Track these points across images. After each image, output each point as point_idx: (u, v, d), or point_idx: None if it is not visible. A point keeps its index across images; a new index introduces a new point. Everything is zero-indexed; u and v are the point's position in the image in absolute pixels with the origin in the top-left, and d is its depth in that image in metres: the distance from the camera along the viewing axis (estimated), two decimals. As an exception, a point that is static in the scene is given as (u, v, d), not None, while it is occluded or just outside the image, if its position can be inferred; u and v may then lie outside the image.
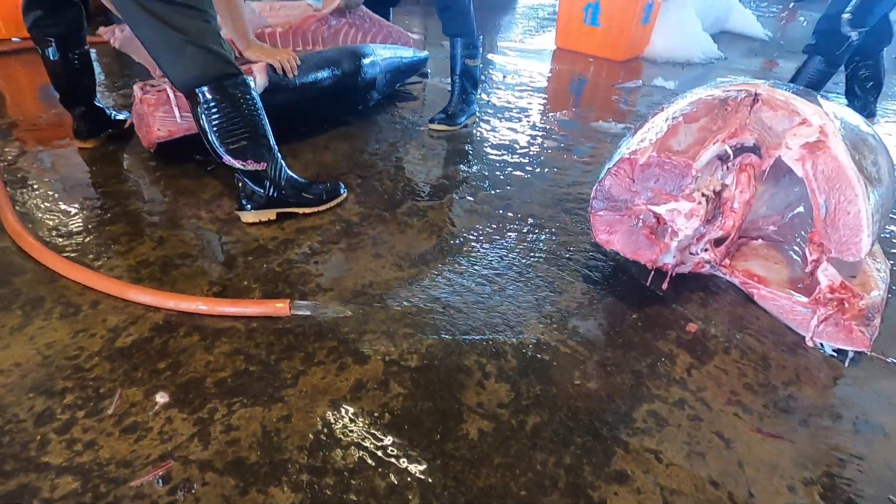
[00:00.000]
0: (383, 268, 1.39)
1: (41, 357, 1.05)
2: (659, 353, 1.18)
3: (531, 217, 1.67)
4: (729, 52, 4.08)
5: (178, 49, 1.28)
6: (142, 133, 1.79)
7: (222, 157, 1.41)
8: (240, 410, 0.97)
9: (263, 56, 1.80)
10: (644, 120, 1.34)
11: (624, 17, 3.50)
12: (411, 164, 1.99)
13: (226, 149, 1.39)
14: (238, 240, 1.46)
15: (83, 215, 1.52)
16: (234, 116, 1.37)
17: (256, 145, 1.42)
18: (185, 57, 1.29)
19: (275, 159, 1.48)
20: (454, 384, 1.06)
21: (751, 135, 1.13)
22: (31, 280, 1.25)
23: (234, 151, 1.40)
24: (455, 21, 2.11)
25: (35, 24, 1.65)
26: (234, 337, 1.13)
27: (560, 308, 1.29)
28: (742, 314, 1.31)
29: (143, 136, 1.78)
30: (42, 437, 0.89)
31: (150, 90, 1.68)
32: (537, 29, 4.62)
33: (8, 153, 1.83)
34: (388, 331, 1.18)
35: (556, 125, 2.46)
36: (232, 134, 1.38)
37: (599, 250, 1.51)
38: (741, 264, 1.33)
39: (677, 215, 1.13)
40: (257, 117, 1.42)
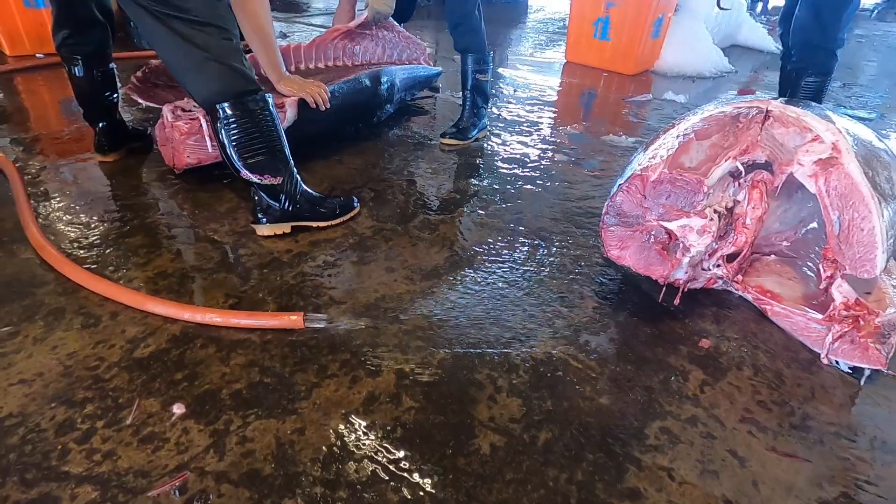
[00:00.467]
0: (395, 281, 1.40)
1: (62, 367, 1.07)
2: (671, 368, 1.17)
3: (542, 231, 1.68)
4: (740, 66, 4.08)
5: (200, 65, 1.32)
6: (166, 153, 1.82)
7: (240, 172, 1.44)
8: (255, 422, 0.98)
9: (295, 90, 1.81)
10: (655, 136, 1.35)
11: (634, 32, 3.53)
12: (423, 178, 2.01)
13: (244, 163, 1.42)
14: (253, 252, 1.49)
15: (103, 227, 1.56)
16: (252, 132, 1.40)
17: (273, 160, 1.46)
18: (206, 73, 1.33)
19: (291, 173, 1.51)
20: (466, 398, 1.07)
21: (762, 151, 1.14)
22: (53, 291, 1.28)
23: (251, 166, 1.43)
24: (466, 37, 2.15)
25: (63, 42, 1.70)
26: (249, 349, 1.15)
27: (571, 322, 1.29)
28: (755, 330, 1.30)
29: (169, 157, 1.81)
30: (63, 446, 0.91)
31: (181, 116, 1.69)
32: (547, 43, 4.67)
33: (31, 166, 1.89)
34: (400, 344, 1.19)
35: (566, 139, 2.48)
36: (250, 149, 1.41)
37: (610, 265, 1.51)
38: (754, 280, 1.33)
39: (689, 231, 1.14)
40: (275, 132, 1.45)
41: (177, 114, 1.71)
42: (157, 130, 1.83)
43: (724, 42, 4.46)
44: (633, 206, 1.21)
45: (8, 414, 0.96)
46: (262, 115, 1.41)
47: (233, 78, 1.36)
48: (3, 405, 0.98)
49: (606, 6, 3.58)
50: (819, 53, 2.24)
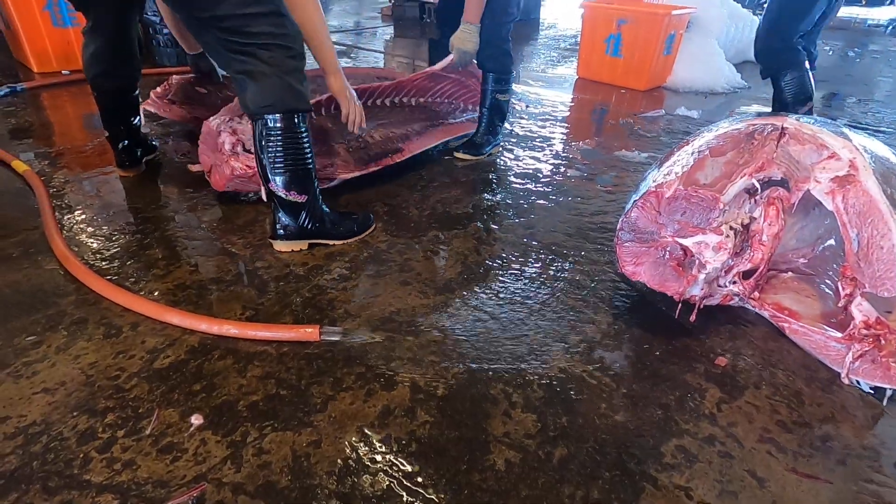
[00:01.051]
0: (410, 295, 1.41)
1: (84, 376, 1.09)
2: (687, 386, 1.16)
3: (555, 246, 1.69)
4: (753, 82, 4.08)
5: (260, 79, 1.36)
6: (206, 164, 1.81)
7: (269, 182, 1.47)
8: (271, 434, 0.99)
9: (345, 93, 1.71)
10: (669, 152, 1.36)
11: (646, 48, 3.55)
12: (436, 192, 2.03)
13: (275, 175, 1.45)
14: (270, 265, 1.51)
15: (124, 239, 1.59)
16: (290, 148, 1.44)
17: (303, 178, 1.48)
18: (264, 85, 1.37)
19: (315, 194, 1.54)
20: (480, 413, 1.07)
21: (778, 168, 1.14)
22: (76, 301, 1.31)
23: (282, 179, 1.46)
24: (493, 59, 2.20)
25: (97, 76, 1.76)
26: (266, 361, 1.16)
27: (586, 338, 1.29)
28: (773, 348, 1.29)
29: (208, 171, 1.81)
30: (84, 455, 0.93)
31: (239, 154, 1.67)
32: (559, 59, 4.71)
33: (56, 180, 1.94)
34: (414, 358, 1.20)
35: (578, 154, 2.49)
36: (284, 163, 1.44)
37: (624, 280, 1.50)
38: (771, 297, 1.32)
39: (705, 248, 1.14)
40: (309, 152, 1.49)
41: (236, 150, 1.69)
42: (203, 144, 1.80)
43: (737, 58, 4.46)
44: (647, 222, 1.21)
45: (32, 422, 0.98)
46: (303, 134, 1.45)
47: (289, 94, 1.39)
48: (27, 413, 1.00)
49: (618, 23, 3.61)
50: (783, 54, 2.42)
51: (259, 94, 1.38)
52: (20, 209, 1.73)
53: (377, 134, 2.12)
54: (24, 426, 0.98)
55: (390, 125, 2.20)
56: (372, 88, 2.11)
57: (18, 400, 1.03)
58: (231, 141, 1.69)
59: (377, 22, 6.40)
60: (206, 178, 1.81)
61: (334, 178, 1.87)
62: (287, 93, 1.39)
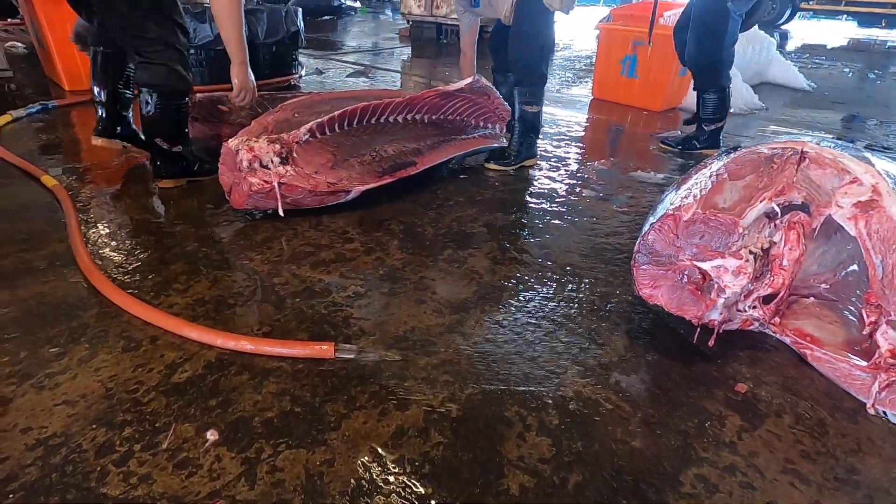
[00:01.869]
0: (424, 313, 1.42)
1: (104, 389, 1.11)
2: (707, 413, 1.14)
3: (570, 266, 1.68)
4: (770, 103, 4.06)
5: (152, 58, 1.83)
6: (225, 182, 1.84)
7: (148, 137, 1.96)
8: (285, 452, 0.99)
9: (241, 87, 2.02)
10: (686, 174, 1.35)
11: (662, 70, 3.57)
12: (452, 211, 2.04)
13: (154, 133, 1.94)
14: (287, 282, 1.53)
15: (146, 254, 1.63)
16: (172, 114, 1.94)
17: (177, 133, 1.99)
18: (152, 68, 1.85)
19: (188, 145, 2.04)
20: (494, 435, 1.05)
21: (798, 193, 1.13)
22: (99, 314, 1.34)
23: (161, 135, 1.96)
24: (521, 72, 2.35)
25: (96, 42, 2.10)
26: (281, 377, 1.17)
27: (602, 361, 1.27)
28: (795, 376, 1.26)
29: (227, 188, 1.84)
30: (102, 468, 0.94)
31: (257, 171, 1.73)
32: (574, 80, 4.75)
33: (83, 195, 2.00)
34: (428, 378, 1.19)
35: (594, 174, 2.49)
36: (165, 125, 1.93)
37: (640, 303, 1.49)
38: (792, 323, 1.29)
39: (724, 272, 1.12)
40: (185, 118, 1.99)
41: (253, 166, 1.74)
42: (222, 164, 1.83)
43: (754, 79, 4.46)
44: (665, 245, 1.20)
45: (52, 434, 1.00)
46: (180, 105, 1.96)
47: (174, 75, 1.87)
48: (48, 425, 1.02)
49: (634, 45, 3.64)
50: (707, 73, 2.64)
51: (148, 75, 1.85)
52: (48, 223, 1.78)
53: (391, 148, 2.15)
54: (44, 437, 0.99)
55: (404, 140, 2.23)
56: (385, 105, 2.15)
57: (40, 411, 1.05)
58: (248, 158, 1.73)
59: (395, 42, 6.54)
60: (227, 197, 1.85)
61: (350, 191, 1.90)
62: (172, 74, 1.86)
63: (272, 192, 1.76)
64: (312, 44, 5.83)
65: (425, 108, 2.32)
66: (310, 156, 1.87)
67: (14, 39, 4.63)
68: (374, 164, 2.05)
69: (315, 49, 5.61)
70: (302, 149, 1.84)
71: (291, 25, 3.82)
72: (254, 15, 3.66)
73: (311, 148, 1.89)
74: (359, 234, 1.82)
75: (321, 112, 2.13)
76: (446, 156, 2.29)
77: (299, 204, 1.86)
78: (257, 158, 1.74)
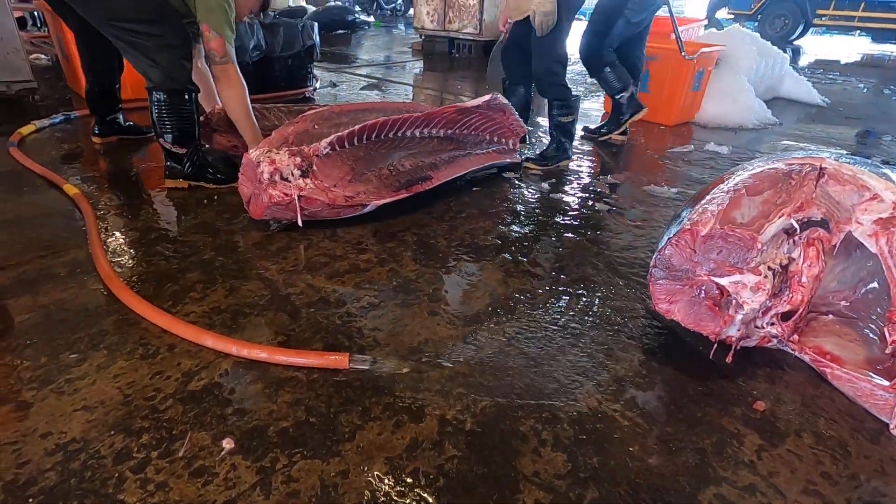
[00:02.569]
0: (438, 325, 1.42)
1: (122, 395, 1.12)
2: (724, 431, 1.12)
3: (584, 280, 1.68)
4: (783, 118, 4.05)
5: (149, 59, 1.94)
6: (244, 193, 1.87)
7: (157, 138, 2.07)
8: (300, 462, 0.99)
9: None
10: (703, 189, 1.35)
11: (674, 84, 3.58)
12: (465, 223, 2.05)
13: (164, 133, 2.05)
14: (302, 291, 1.54)
15: (165, 262, 1.65)
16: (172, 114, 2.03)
17: (184, 136, 2.08)
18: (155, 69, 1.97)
19: (194, 148, 2.12)
20: (509, 450, 1.05)
21: (818, 209, 1.12)
22: (118, 321, 1.36)
23: (170, 136, 2.06)
24: (549, 89, 2.62)
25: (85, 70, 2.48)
26: (296, 387, 1.17)
27: (617, 376, 1.26)
28: (814, 394, 1.24)
29: (246, 198, 1.86)
30: (119, 475, 0.95)
31: (277, 183, 1.74)
32: (585, 94, 4.77)
33: (103, 203, 2.04)
34: (442, 390, 1.19)
35: (606, 188, 2.49)
36: (167, 124, 2.03)
37: (656, 318, 1.48)
38: (811, 340, 1.27)
39: (742, 288, 1.11)
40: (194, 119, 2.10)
41: (274, 178, 1.75)
42: (242, 175, 1.85)
43: (767, 94, 4.45)
44: (682, 259, 1.20)
45: (71, 439, 1.01)
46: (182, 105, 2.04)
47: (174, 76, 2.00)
48: (67, 430, 1.03)
49: (646, 60, 3.65)
50: (592, 61, 3.02)
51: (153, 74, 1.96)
52: (69, 230, 1.82)
53: (407, 163, 2.17)
54: (64, 443, 1.00)
55: (420, 154, 2.25)
56: (403, 119, 2.17)
57: (60, 416, 1.06)
58: (269, 170, 1.75)
59: (407, 56, 6.63)
60: (245, 207, 1.88)
61: (367, 204, 1.91)
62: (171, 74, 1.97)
63: (291, 205, 1.78)
64: (327, 57, 5.93)
65: (442, 123, 2.34)
66: (329, 169, 1.89)
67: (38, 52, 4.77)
68: (391, 178, 2.07)
69: (329, 62, 5.70)
70: (322, 162, 1.86)
71: (307, 39, 3.89)
72: (271, 29, 3.74)
73: (331, 161, 1.91)
74: (373, 244, 1.83)
75: (340, 124, 2.16)
76: (461, 170, 2.31)
77: (316, 216, 1.88)
78: (278, 171, 1.77)
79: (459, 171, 2.31)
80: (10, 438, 1.01)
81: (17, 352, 1.24)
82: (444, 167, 2.27)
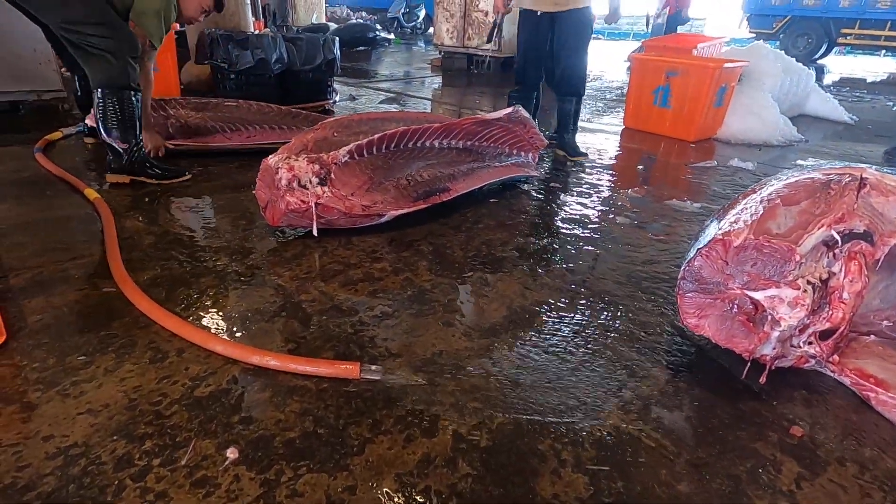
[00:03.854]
0: (453, 336, 1.37)
1: (128, 399, 1.09)
2: (759, 457, 1.04)
3: (605, 294, 1.61)
4: (809, 135, 3.95)
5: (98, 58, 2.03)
6: (263, 206, 1.85)
7: (100, 135, 2.17)
8: (306, 475, 0.94)
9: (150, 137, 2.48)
10: (733, 200, 1.29)
11: (696, 100, 3.52)
12: (482, 233, 2.01)
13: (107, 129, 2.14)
14: (314, 299, 1.51)
15: (179, 267, 1.64)
16: (118, 111, 2.11)
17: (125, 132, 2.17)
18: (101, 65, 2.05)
19: (134, 143, 2.20)
20: (527, 469, 0.98)
21: (860, 221, 1.05)
22: (128, 324, 1.34)
23: (113, 133, 2.15)
24: (574, 83, 2.83)
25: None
26: (305, 396, 1.13)
27: (641, 395, 1.19)
28: (856, 420, 1.15)
29: (264, 209, 1.84)
30: (119, 482, 0.91)
31: (295, 190, 1.74)
32: (605, 110, 4.73)
33: (121, 208, 2.05)
34: (456, 404, 1.14)
35: (627, 201, 2.43)
36: (111, 121, 2.12)
37: (681, 334, 1.41)
38: (853, 362, 1.19)
39: (779, 303, 1.04)
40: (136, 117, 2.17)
41: (292, 185, 1.73)
42: (260, 181, 1.84)
43: (792, 111, 4.36)
44: (713, 272, 1.13)
45: (73, 443, 0.98)
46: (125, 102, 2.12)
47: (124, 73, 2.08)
48: (69, 434, 1.00)
49: (667, 75, 3.61)
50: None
51: (98, 72, 2.05)
52: (87, 234, 1.82)
53: (426, 173, 2.15)
54: (65, 447, 0.97)
55: (438, 165, 2.22)
56: (423, 129, 2.15)
57: (63, 419, 1.03)
58: (287, 177, 1.74)
59: (426, 72, 6.70)
60: (262, 213, 1.86)
61: (384, 214, 1.89)
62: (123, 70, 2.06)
63: (308, 212, 1.76)
64: (347, 72, 6.01)
65: (462, 134, 2.32)
66: (347, 177, 1.87)
67: (70, 64, 4.91)
68: (408, 189, 2.04)
69: (349, 77, 5.78)
70: (340, 170, 1.85)
71: (328, 54, 3.94)
72: (294, 43, 3.81)
73: (349, 169, 1.90)
74: (388, 253, 1.80)
75: (359, 132, 2.15)
76: (479, 183, 2.28)
77: (332, 224, 1.86)
78: (296, 178, 1.75)
79: (478, 183, 2.27)
80: (11, 440, 0.98)
81: (26, 352, 1.22)
82: (463, 179, 2.24)
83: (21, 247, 1.70)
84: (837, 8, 9.01)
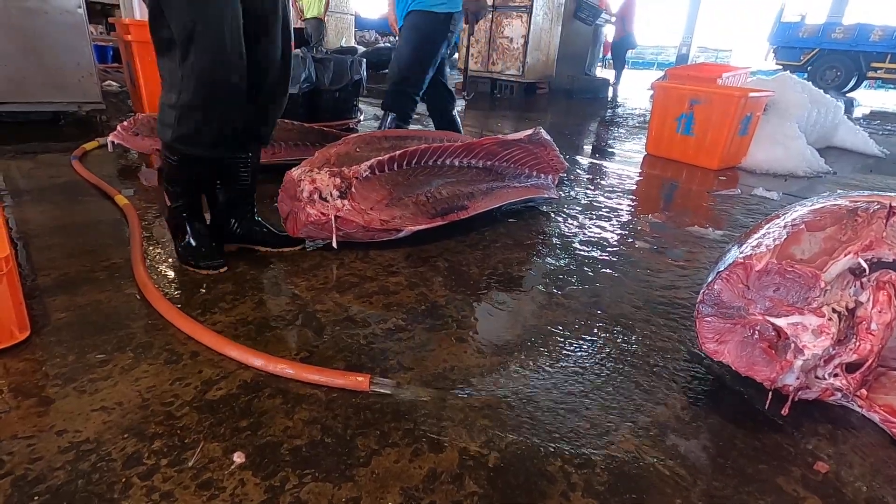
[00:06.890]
0: (465, 353, 1.36)
1: (141, 399, 1.11)
2: (781, 492, 1.00)
3: (622, 318, 1.58)
4: (838, 167, 3.88)
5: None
6: (284, 216, 1.88)
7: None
8: (310, 484, 0.93)
9: None
10: (756, 225, 1.27)
11: (720, 128, 3.50)
12: (499, 252, 2.01)
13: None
14: (329, 309, 1.52)
15: (199, 273, 1.67)
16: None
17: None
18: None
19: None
20: (535, 492, 0.96)
21: (890, 249, 1.02)
22: (146, 326, 1.36)
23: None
24: None
25: None
26: (314, 404, 1.13)
27: (657, 421, 1.16)
28: (886, 459, 1.09)
29: (285, 220, 1.87)
30: (126, 480, 0.91)
31: (316, 202, 1.76)
32: (627, 136, 4.74)
33: (149, 214, 2.11)
34: (466, 420, 1.12)
35: (647, 226, 2.41)
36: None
37: (699, 362, 1.37)
38: (882, 398, 1.14)
39: (803, 330, 1.01)
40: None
41: (313, 197, 1.77)
42: (283, 192, 1.86)
43: (820, 143, 4.29)
44: (733, 296, 1.11)
45: (85, 439, 0.99)
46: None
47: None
48: (82, 429, 1.01)
49: (691, 103, 3.61)
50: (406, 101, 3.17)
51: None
52: (114, 237, 1.88)
53: (445, 191, 2.16)
54: (77, 442, 0.98)
55: (458, 184, 2.24)
56: (444, 148, 2.18)
57: (77, 415, 1.05)
58: (309, 189, 1.78)
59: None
60: (283, 224, 1.90)
61: (402, 229, 1.90)
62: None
63: (328, 225, 1.79)
64: (373, 93, 6.15)
65: (482, 154, 2.34)
66: (367, 192, 1.90)
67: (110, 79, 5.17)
68: (427, 206, 2.06)
69: (375, 98, 5.91)
70: (361, 184, 1.88)
71: (355, 74, 4.06)
72: (322, 63, 3.93)
73: (370, 184, 1.93)
74: (404, 268, 1.81)
75: (381, 148, 2.19)
76: (498, 202, 2.29)
77: (350, 237, 1.88)
78: (318, 190, 1.79)
79: (496, 202, 2.28)
80: (27, 433, 1.00)
81: (48, 348, 1.25)
82: (482, 198, 2.25)
83: (51, 248, 1.76)
84: (867, 42, 8.92)
